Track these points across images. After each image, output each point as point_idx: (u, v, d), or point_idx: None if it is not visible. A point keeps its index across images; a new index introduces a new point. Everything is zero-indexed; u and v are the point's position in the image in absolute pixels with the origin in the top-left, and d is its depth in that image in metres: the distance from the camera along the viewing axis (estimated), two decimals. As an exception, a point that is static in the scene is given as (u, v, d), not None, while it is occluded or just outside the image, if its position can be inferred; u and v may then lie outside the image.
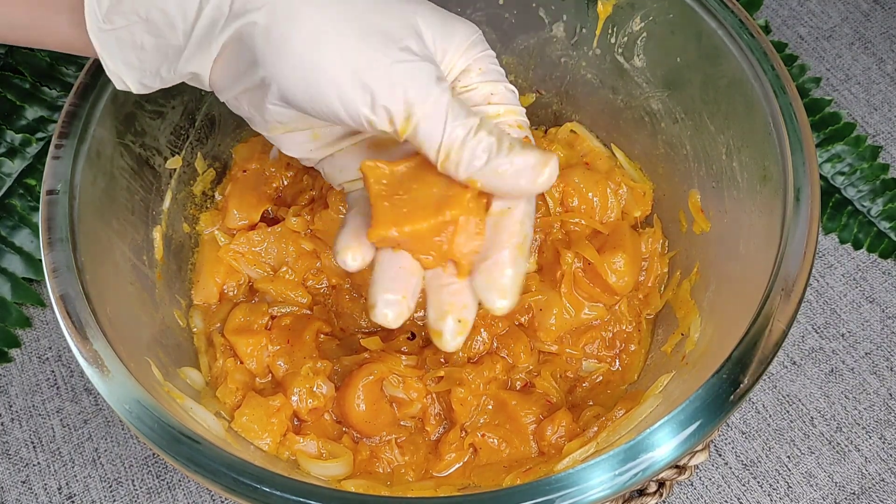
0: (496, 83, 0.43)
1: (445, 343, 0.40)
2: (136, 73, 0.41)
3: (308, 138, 0.44)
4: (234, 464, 0.39)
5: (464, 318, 0.40)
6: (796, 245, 0.42)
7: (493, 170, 0.38)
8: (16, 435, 0.58)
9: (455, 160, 0.38)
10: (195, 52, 0.39)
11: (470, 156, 0.38)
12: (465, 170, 0.38)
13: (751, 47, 0.47)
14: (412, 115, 0.37)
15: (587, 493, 0.37)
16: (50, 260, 0.43)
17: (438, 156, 0.38)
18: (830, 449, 0.57)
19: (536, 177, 0.38)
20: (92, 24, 0.39)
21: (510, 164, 0.38)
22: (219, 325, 0.54)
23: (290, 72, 0.38)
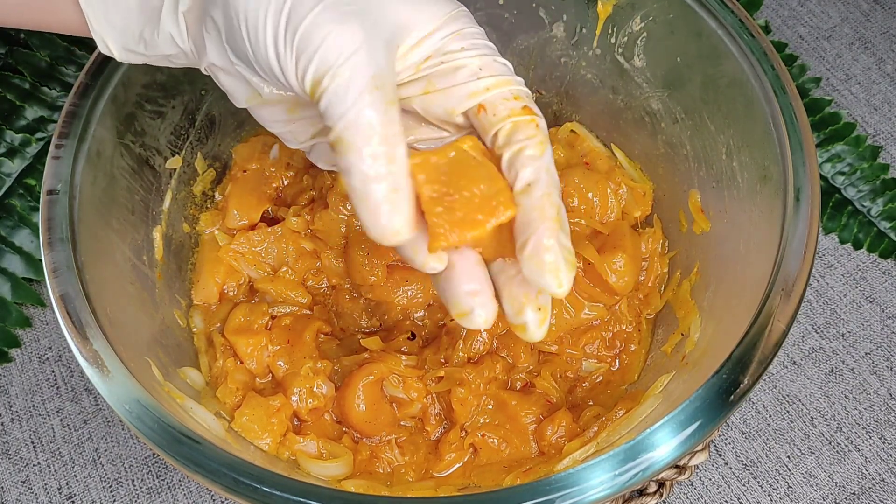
0: (484, 56, 0.39)
1: (532, 334, 0.38)
2: (119, 36, 0.41)
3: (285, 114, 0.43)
4: (235, 464, 0.39)
5: (542, 305, 0.38)
6: (796, 245, 0.42)
7: (360, 194, 0.35)
8: (16, 435, 0.58)
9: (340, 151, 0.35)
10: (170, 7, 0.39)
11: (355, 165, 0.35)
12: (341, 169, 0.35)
13: (751, 47, 0.47)
14: (321, 80, 0.35)
15: (587, 493, 0.37)
16: (50, 260, 0.43)
17: (329, 135, 0.35)
18: (830, 449, 0.57)
19: (379, 237, 0.35)
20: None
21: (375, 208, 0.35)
22: (219, 325, 0.54)
23: (232, 9, 0.36)
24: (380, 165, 0.35)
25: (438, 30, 0.39)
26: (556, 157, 0.58)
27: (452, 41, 0.39)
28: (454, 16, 0.39)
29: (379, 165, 0.35)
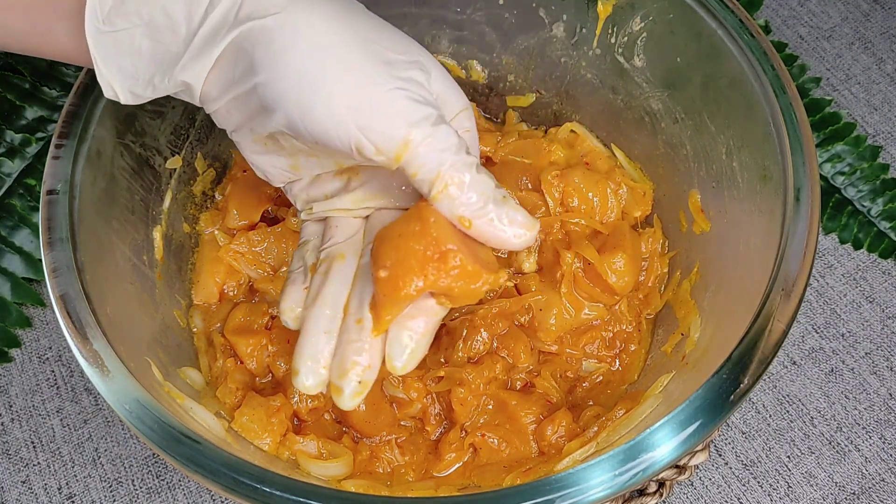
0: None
1: (343, 402, 0.40)
2: (128, 80, 0.40)
3: (287, 167, 0.44)
4: (234, 464, 0.39)
5: (364, 379, 0.40)
6: (796, 245, 0.42)
7: (485, 215, 0.38)
8: (16, 435, 0.58)
9: (449, 196, 0.37)
10: (193, 59, 0.39)
11: (467, 195, 0.37)
12: (459, 208, 0.38)
13: (751, 47, 0.47)
14: (409, 142, 0.37)
15: (587, 493, 0.37)
16: (50, 260, 0.43)
17: (433, 188, 0.37)
18: (830, 449, 0.57)
19: (522, 235, 0.39)
20: (91, 26, 0.39)
21: (505, 215, 0.38)
22: (219, 324, 0.54)
23: (285, 82, 0.37)
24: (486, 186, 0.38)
25: (455, 120, 0.43)
26: (556, 157, 0.58)
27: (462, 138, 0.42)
28: (468, 113, 0.43)
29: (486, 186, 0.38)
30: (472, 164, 0.38)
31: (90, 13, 0.39)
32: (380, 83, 0.37)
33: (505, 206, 0.38)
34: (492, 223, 0.38)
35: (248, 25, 0.38)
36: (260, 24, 0.37)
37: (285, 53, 0.37)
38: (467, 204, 0.38)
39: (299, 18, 0.37)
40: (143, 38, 0.39)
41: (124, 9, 0.38)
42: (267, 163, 0.44)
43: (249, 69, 0.38)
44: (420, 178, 0.38)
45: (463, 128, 0.43)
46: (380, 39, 0.39)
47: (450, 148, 0.37)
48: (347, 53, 0.37)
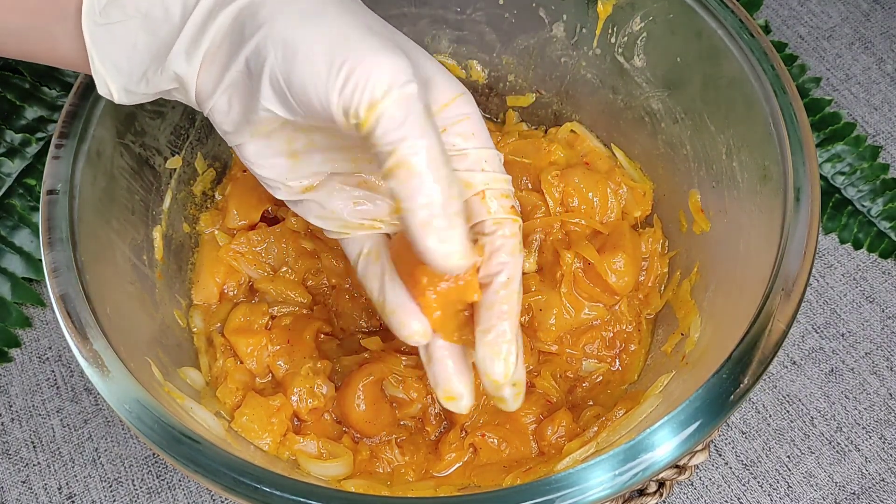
0: (488, 149, 0.42)
1: (509, 406, 0.41)
2: (122, 76, 0.40)
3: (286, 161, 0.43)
4: (235, 464, 0.39)
5: (517, 380, 0.41)
6: (796, 245, 0.42)
7: (423, 221, 0.35)
8: (16, 435, 0.58)
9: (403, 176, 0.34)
10: (186, 48, 0.39)
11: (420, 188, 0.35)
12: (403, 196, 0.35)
13: (751, 47, 0.47)
14: (376, 104, 0.34)
15: (587, 494, 0.37)
16: (50, 260, 0.43)
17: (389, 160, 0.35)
18: (830, 449, 0.57)
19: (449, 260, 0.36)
20: (88, 19, 0.39)
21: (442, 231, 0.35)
22: (219, 324, 0.54)
23: (271, 47, 0.37)
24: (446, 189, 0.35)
25: (452, 105, 0.41)
26: (556, 157, 0.58)
27: (462, 124, 0.41)
28: (465, 98, 0.41)
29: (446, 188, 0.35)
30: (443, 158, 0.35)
31: (87, 6, 0.39)
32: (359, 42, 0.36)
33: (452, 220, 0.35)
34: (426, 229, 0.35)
35: (235, 5, 0.38)
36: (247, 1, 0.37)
37: (269, 20, 0.37)
38: (413, 198, 0.35)
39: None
40: (139, 30, 0.39)
41: (121, 1, 0.38)
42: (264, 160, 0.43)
43: (239, 45, 0.38)
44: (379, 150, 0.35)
45: (462, 113, 0.41)
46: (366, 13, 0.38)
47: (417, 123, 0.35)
48: (334, 15, 0.37)
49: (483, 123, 0.42)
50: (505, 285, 0.40)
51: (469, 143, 0.41)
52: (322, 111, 0.36)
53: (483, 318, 0.40)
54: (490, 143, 0.42)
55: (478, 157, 0.41)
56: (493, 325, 0.40)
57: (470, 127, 0.41)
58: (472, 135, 0.41)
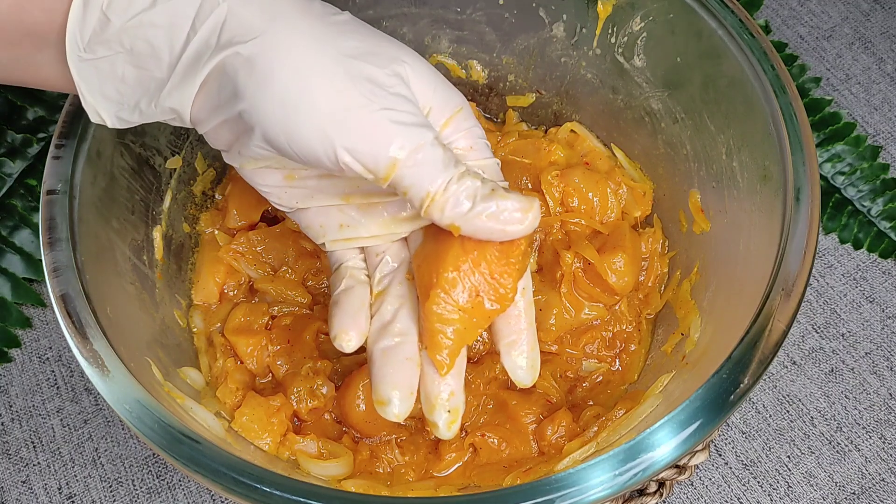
0: (486, 160, 0.43)
1: (441, 433, 0.41)
2: (113, 106, 0.40)
3: (282, 180, 0.44)
4: (235, 464, 0.39)
5: (453, 407, 0.41)
6: (796, 245, 0.42)
7: (477, 214, 0.38)
8: (16, 435, 0.58)
9: (440, 206, 0.38)
10: (178, 85, 0.38)
11: (455, 201, 0.37)
12: (448, 215, 0.38)
13: (751, 47, 0.47)
14: (396, 163, 0.37)
15: (587, 493, 0.37)
16: (50, 260, 0.43)
17: (423, 202, 0.38)
18: (830, 449, 0.57)
19: (520, 221, 0.38)
20: (72, 53, 0.38)
21: (495, 207, 0.38)
22: (219, 324, 0.54)
23: (270, 106, 0.37)
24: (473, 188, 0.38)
25: (451, 123, 0.42)
26: (556, 157, 0.58)
27: (462, 138, 0.43)
28: (464, 113, 0.43)
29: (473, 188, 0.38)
30: (459, 174, 0.38)
31: (70, 41, 0.38)
32: (364, 105, 0.37)
33: (493, 200, 0.38)
34: (482, 220, 0.38)
35: (230, 51, 0.37)
36: (241, 50, 0.37)
37: (267, 79, 0.37)
38: (457, 211, 0.38)
39: (280, 42, 0.37)
40: (126, 65, 0.39)
41: (105, 36, 0.38)
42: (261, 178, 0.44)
43: (233, 95, 0.38)
44: (410, 196, 0.38)
45: (463, 129, 0.43)
46: (363, 55, 0.38)
47: (436, 165, 0.37)
48: (331, 75, 0.37)
49: (481, 132, 0.43)
50: (521, 295, 0.42)
51: (468, 156, 0.43)
52: (332, 168, 0.38)
53: (505, 333, 0.42)
54: (488, 152, 0.43)
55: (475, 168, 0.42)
56: (518, 339, 0.42)
57: (468, 140, 0.43)
58: (471, 148, 0.43)
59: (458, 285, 0.40)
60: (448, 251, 0.40)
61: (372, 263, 0.45)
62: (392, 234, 0.45)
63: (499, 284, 0.40)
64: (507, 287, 0.40)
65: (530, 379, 0.43)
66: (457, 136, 0.43)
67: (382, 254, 0.45)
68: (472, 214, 0.38)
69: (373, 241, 0.45)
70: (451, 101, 0.42)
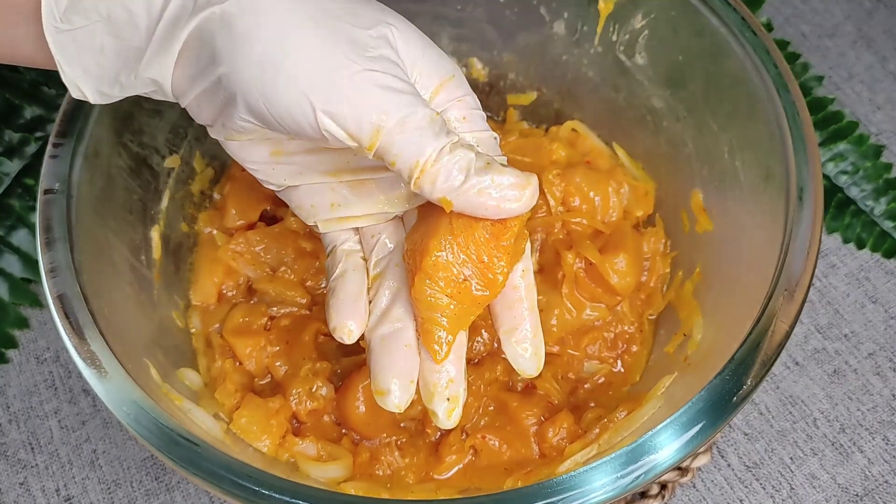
0: (482, 132, 0.41)
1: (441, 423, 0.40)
2: (93, 80, 0.39)
3: (269, 156, 0.42)
4: (233, 466, 0.38)
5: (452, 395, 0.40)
6: (799, 245, 0.42)
7: (470, 188, 0.35)
8: (13, 436, 0.58)
9: (430, 178, 0.35)
10: (157, 53, 0.37)
11: (447, 173, 0.35)
12: (440, 188, 0.35)
13: (753, 45, 0.47)
14: (381, 129, 0.35)
15: (589, 496, 0.37)
16: (47, 260, 0.43)
17: (412, 173, 0.35)
18: (834, 450, 0.56)
19: (517, 198, 0.36)
20: (49, 25, 0.37)
21: (490, 182, 0.35)
22: (217, 325, 0.54)
23: (247, 69, 0.35)
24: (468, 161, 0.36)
25: (442, 91, 0.40)
26: (558, 156, 0.58)
27: (454, 108, 0.40)
28: (457, 81, 0.40)
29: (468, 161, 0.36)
30: (451, 144, 0.35)
31: (46, 13, 0.37)
32: (346, 66, 0.35)
33: (489, 174, 0.35)
34: (475, 194, 0.36)
35: (208, 12, 0.36)
36: (219, 10, 0.36)
37: (246, 40, 0.35)
38: (449, 185, 0.35)
39: (259, 1, 0.36)
40: (104, 34, 0.38)
41: (81, 5, 0.37)
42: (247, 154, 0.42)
43: (212, 59, 0.36)
44: (398, 168, 0.36)
45: (455, 97, 0.40)
46: (346, 15, 0.37)
47: (426, 133, 0.35)
48: (311, 36, 0.35)
49: (477, 104, 0.41)
50: (521, 278, 0.41)
51: (461, 127, 0.40)
52: (313, 135, 0.36)
53: (505, 319, 0.41)
54: (483, 125, 0.41)
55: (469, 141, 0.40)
56: (518, 325, 0.41)
57: (461, 111, 0.40)
58: (464, 119, 0.40)
59: (442, 270, 0.38)
60: (435, 232, 0.38)
61: (368, 246, 0.43)
62: (385, 213, 0.43)
63: (487, 269, 0.38)
64: (496, 272, 0.38)
65: (534, 368, 0.41)
66: (448, 106, 0.40)
67: (378, 235, 0.43)
68: (465, 188, 0.35)
69: (366, 220, 0.43)
70: (442, 67, 0.40)
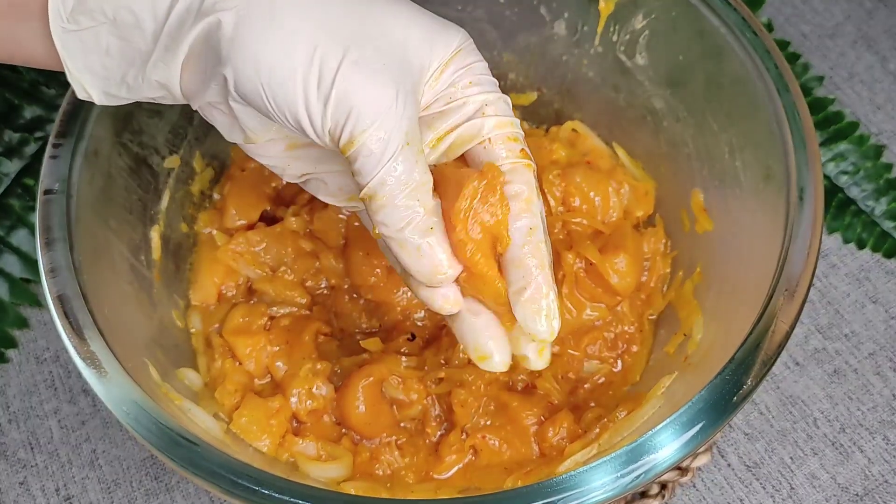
0: (490, 93, 0.41)
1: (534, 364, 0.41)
2: (99, 81, 0.39)
3: (284, 150, 0.43)
4: (233, 466, 0.38)
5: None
6: (800, 245, 0.42)
7: (401, 238, 0.38)
8: (13, 436, 0.58)
9: (374, 207, 0.37)
10: (162, 56, 0.38)
11: (391, 216, 0.37)
12: (376, 220, 0.38)
13: (753, 45, 0.47)
14: (355, 139, 0.36)
15: (589, 496, 0.37)
16: (47, 260, 0.43)
17: (363, 191, 0.37)
18: (834, 450, 0.56)
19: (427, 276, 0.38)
20: (55, 25, 0.38)
21: (415, 250, 0.38)
22: (217, 325, 0.54)
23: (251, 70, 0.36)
24: (413, 213, 0.37)
25: (451, 63, 0.40)
26: (558, 156, 0.58)
27: (463, 76, 0.40)
28: (465, 50, 0.40)
29: (413, 213, 0.37)
30: (412, 185, 0.37)
31: (53, 12, 0.38)
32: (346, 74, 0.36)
33: (425, 238, 0.38)
34: (403, 249, 0.38)
35: (213, 17, 0.36)
36: (223, 16, 0.36)
37: (248, 43, 0.36)
38: (386, 223, 0.37)
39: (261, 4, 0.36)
40: (110, 36, 0.38)
41: (87, 6, 0.37)
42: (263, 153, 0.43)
43: (217, 62, 0.37)
44: (357, 179, 0.37)
45: (464, 65, 0.40)
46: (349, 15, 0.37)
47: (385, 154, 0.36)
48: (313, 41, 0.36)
49: (486, 70, 0.41)
50: (528, 236, 0.39)
51: (469, 92, 0.40)
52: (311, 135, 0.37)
53: (514, 277, 0.39)
54: (493, 87, 0.41)
55: (477, 103, 0.40)
56: (527, 283, 0.39)
57: (470, 77, 0.41)
58: (470, 84, 0.40)
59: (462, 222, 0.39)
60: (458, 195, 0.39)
61: None
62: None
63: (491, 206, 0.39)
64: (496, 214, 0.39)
65: (547, 331, 0.39)
66: (458, 75, 0.40)
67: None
68: (397, 237, 0.37)
69: None
70: (452, 41, 0.40)
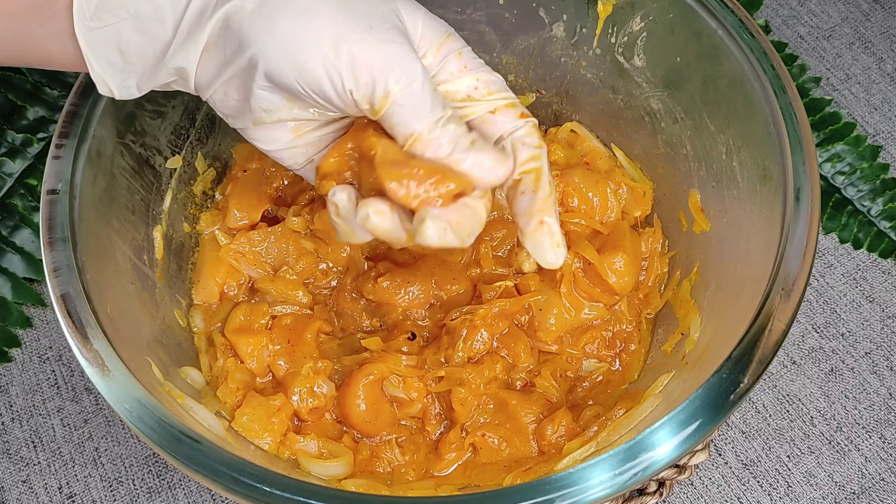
0: (478, 71, 0.44)
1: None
2: (120, 75, 0.41)
3: (289, 134, 0.44)
4: (235, 463, 0.39)
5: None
6: (796, 245, 0.42)
7: (454, 162, 0.40)
8: (16, 434, 0.58)
9: (421, 146, 0.40)
10: (183, 44, 0.39)
11: (436, 144, 0.40)
12: (428, 155, 0.40)
13: (751, 47, 0.47)
14: (389, 94, 0.39)
15: (587, 493, 0.37)
16: (50, 259, 0.43)
17: (407, 140, 0.40)
18: (830, 448, 0.57)
19: (490, 173, 0.41)
20: (80, 24, 0.39)
21: (471, 161, 0.40)
22: (219, 324, 0.54)
23: (277, 48, 0.38)
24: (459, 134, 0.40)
25: (442, 47, 0.43)
26: (556, 157, 0.58)
27: (453, 60, 0.44)
28: (453, 38, 0.44)
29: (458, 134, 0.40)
30: (445, 119, 0.40)
31: (78, 12, 0.39)
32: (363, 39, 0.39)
33: (471, 152, 0.40)
34: (459, 167, 0.40)
35: (233, 4, 0.39)
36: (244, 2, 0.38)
37: (272, 24, 0.38)
38: (437, 154, 0.40)
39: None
40: (132, 31, 0.39)
41: (110, 4, 0.39)
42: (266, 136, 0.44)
43: (240, 45, 0.39)
44: (396, 133, 0.40)
45: (453, 50, 0.44)
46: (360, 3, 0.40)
47: (424, 106, 0.40)
48: (331, 14, 0.39)
49: (473, 55, 0.45)
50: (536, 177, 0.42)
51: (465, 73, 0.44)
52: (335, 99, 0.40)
53: (520, 208, 0.43)
54: (485, 68, 0.45)
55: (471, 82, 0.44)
56: (533, 216, 0.42)
57: (462, 61, 0.44)
58: (465, 67, 0.44)
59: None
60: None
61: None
62: None
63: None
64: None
65: (556, 256, 0.42)
66: (448, 60, 0.44)
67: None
68: (449, 160, 0.40)
69: None
70: (440, 29, 0.44)
